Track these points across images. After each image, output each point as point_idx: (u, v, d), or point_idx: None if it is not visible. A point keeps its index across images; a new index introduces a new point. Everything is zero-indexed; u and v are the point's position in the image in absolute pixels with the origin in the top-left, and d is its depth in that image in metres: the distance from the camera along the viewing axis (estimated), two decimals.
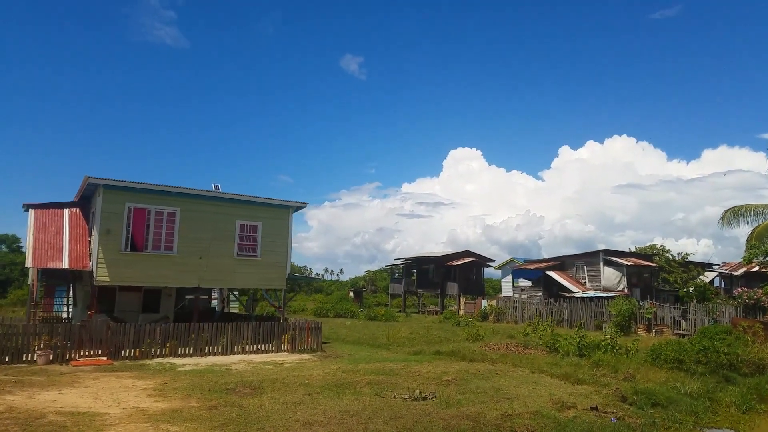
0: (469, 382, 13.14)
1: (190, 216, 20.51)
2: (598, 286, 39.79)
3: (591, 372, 15.01)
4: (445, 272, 50.89)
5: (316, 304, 48.32)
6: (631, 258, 42.42)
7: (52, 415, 8.66)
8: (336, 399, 11.00)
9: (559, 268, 43.69)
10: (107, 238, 18.83)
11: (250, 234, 21.61)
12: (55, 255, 18.66)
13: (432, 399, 11.30)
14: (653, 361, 16.57)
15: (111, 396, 10.63)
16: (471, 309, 43.92)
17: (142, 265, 19.55)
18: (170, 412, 9.35)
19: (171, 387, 11.89)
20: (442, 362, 16.62)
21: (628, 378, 14.44)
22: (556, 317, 34.84)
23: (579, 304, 34.68)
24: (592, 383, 13.70)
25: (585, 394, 12.39)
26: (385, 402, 10.79)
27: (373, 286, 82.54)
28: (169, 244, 20.12)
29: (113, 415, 8.97)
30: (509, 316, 38.78)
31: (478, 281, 53.35)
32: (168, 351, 17.60)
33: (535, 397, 11.75)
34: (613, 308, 31.19)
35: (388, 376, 13.68)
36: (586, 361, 16.64)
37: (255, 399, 10.78)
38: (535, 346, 20.59)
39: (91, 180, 18.76)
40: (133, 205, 19.56)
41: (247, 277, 21.66)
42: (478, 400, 11.25)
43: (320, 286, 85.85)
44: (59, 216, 20.34)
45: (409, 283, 54.17)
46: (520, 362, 16.53)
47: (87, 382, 12.38)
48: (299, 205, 22.92)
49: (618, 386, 13.25)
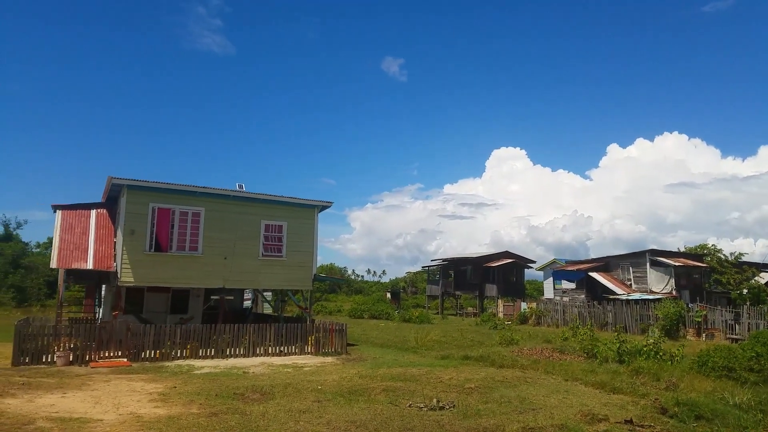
0: (494, 391, 12.24)
1: (214, 216, 20.28)
2: (644, 288, 37.93)
3: (630, 380, 13.86)
4: (484, 273, 49.68)
5: (353, 305, 47.88)
6: (680, 258, 40.32)
7: (41, 421, 8.28)
8: (346, 407, 10.32)
9: (602, 269, 41.94)
10: (131, 239, 18.73)
11: (275, 234, 21.22)
12: (80, 256, 18.66)
13: (450, 409, 10.47)
14: (699, 368, 15.23)
15: (113, 400, 10.24)
16: (510, 311, 42.67)
17: (167, 266, 19.39)
18: (166, 419, 8.86)
19: (178, 391, 11.46)
20: (468, 368, 15.73)
21: (671, 387, 13.22)
22: (600, 321, 33.33)
23: (624, 307, 33.03)
24: (629, 393, 12.58)
25: (620, 405, 11.32)
26: (397, 411, 10.04)
27: (414, 288, 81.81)
28: (194, 244, 19.91)
29: (105, 422, 8.53)
30: (550, 320, 37.39)
31: (518, 283, 51.92)
32: (189, 353, 17.32)
33: (563, 408, 10.77)
34: (660, 311, 29.52)
35: (408, 382, 12.91)
36: (626, 368, 15.45)
37: (260, 406, 10.21)
38: (571, 351, 19.44)
39: (114, 180, 18.70)
40: (157, 205, 19.42)
41: (272, 277, 21.27)
42: (500, 411, 10.36)
43: (361, 286, 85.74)
44: (86, 217, 20.41)
45: (447, 285, 53.14)
46: (553, 369, 15.48)
47: (97, 384, 12.10)
48: (324, 205, 22.40)
49: (658, 396, 12.09)
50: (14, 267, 47.81)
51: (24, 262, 48.12)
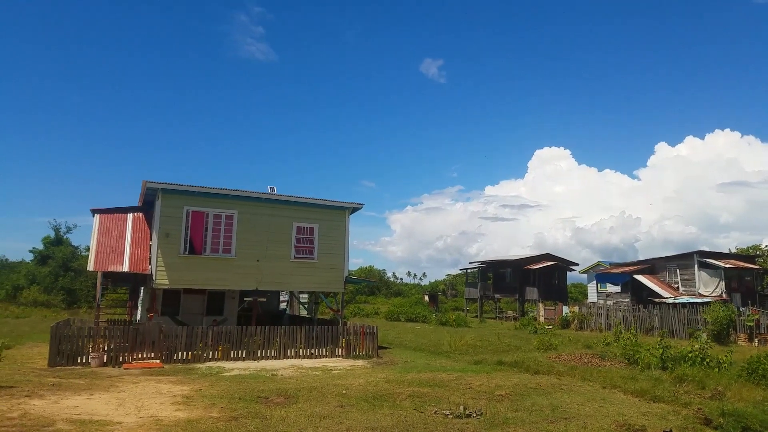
0: (525, 398, 11.75)
1: (247, 219, 20.36)
2: (692, 291, 36.33)
3: (672, 388, 13.13)
4: (524, 276, 48.59)
5: (390, 307, 47.58)
6: (731, 260, 38.44)
7: (61, 423, 8.31)
8: (369, 413, 10.04)
9: (648, 272, 40.42)
10: (166, 242, 18.96)
11: (307, 236, 21.16)
12: (116, 258, 19.01)
13: (476, 417, 10.06)
14: (749, 376, 14.31)
15: (136, 403, 10.25)
16: (551, 315, 41.62)
17: (201, 268, 19.55)
18: (185, 423, 8.77)
19: (203, 394, 11.41)
20: (501, 374, 15.22)
21: (716, 396, 12.44)
22: (645, 325, 32.09)
23: (670, 311, 31.70)
24: (671, 401, 11.88)
25: (660, 415, 10.68)
26: (421, 419, 9.70)
27: (453, 291, 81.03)
28: (227, 247, 20.03)
29: (124, 425, 8.50)
30: (593, 324, 36.25)
31: (560, 286, 50.54)
32: (220, 354, 17.38)
33: (598, 418, 10.21)
34: (709, 315, 28.16)
35: (435, 388, 12.54)
36: (669, 375, 14.68)
37: (282, 410, 10.04)
38: (612, 357, 18.68)
39: (149, 184, 18.96)
40: (192, 208, 19.61)
41: (304, 279, 21.20)
42: (530, 420, 9.89)
43: (400, 289, 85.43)
44: (122, 220, 20.80)
45: (486, 288, 52.24)
46: (591, 376, 14.82)
47: (125, 386, 12.18)
48: (356, 207, 22.22)
49: (702, 406, 11.35)
50: (64, 270, 49.51)
51: (73, 265, 49.71)
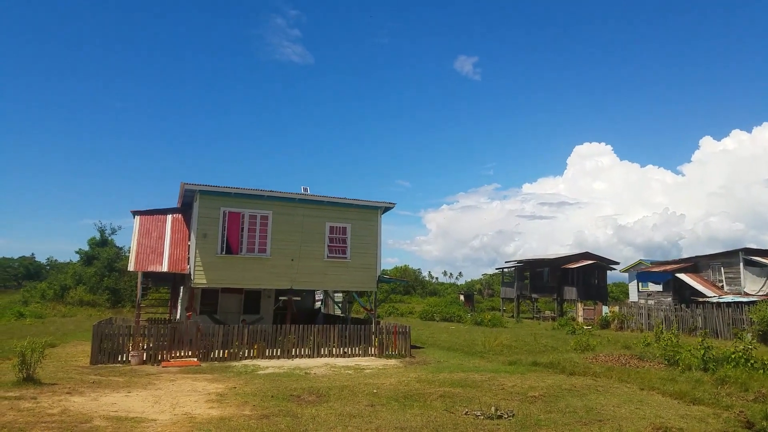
0: (559, 400, 11.57)
1: (281, 219, 20.66)
2: (737, 290, 35.09)
3: (713, 390, 12.71)
4: (562, 275, 47.83)
5: (424, 307, 47.49)
6: None
7: (98, 420, 8.60)
8: (399, 412, 10.05)
9: (691, 270, 39.26)
10: (204, 242, 19.40)
11: (340, 236, 21.32)
12: (155, 259, 19.54)
13: (508, 418, 9.96)
14: None
15: (171, 400, 10.52)
16: (590, 315, 40.81)
17: (237, 268, 19.92)
18: (217, 420, 8.96)
19: (236, 392, 11.63)
20: (535, 374, 15.02)
21: (760, 398, 11.97)
22: (688, 325, 31.17)
23: (714, 310, 30.69)
24: (711, 404, 11.51)
25: (700, 418, 10.35)
26: (451, 419, 9.66)
27: (490, 290, 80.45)
28: (263, 246, 20.35)
29: (158, 422, 8.74)
30: (633, 324, 35.40)
31: (600, 285, 49.56)
32: (256, 353, 17.67)
33: (634, 420, 9.97)
34: (755, 315, 27.15)
35: (467, 388, 12.47)
36: (710, 376, 14.22)
37: (313, 408, 10.15)
38: (651, 358, 18.20)
39: (187, 186, 19.43)
40: (228, 209, 20.01)
41: (337, 279, 21.38)
42: (562, 422, 9.73)
43: (435, 288, 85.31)
44: (162, 221, 21.37)
45: (523, 287, 51.64)
46: (628, 377, 14.48)
47: (162, 384, 12.51)
48: (388, 206, 22.27)
49: (744, 409, 10.96)
50: (109, 270, 51.21)
51: (117, 265, 51.34)
